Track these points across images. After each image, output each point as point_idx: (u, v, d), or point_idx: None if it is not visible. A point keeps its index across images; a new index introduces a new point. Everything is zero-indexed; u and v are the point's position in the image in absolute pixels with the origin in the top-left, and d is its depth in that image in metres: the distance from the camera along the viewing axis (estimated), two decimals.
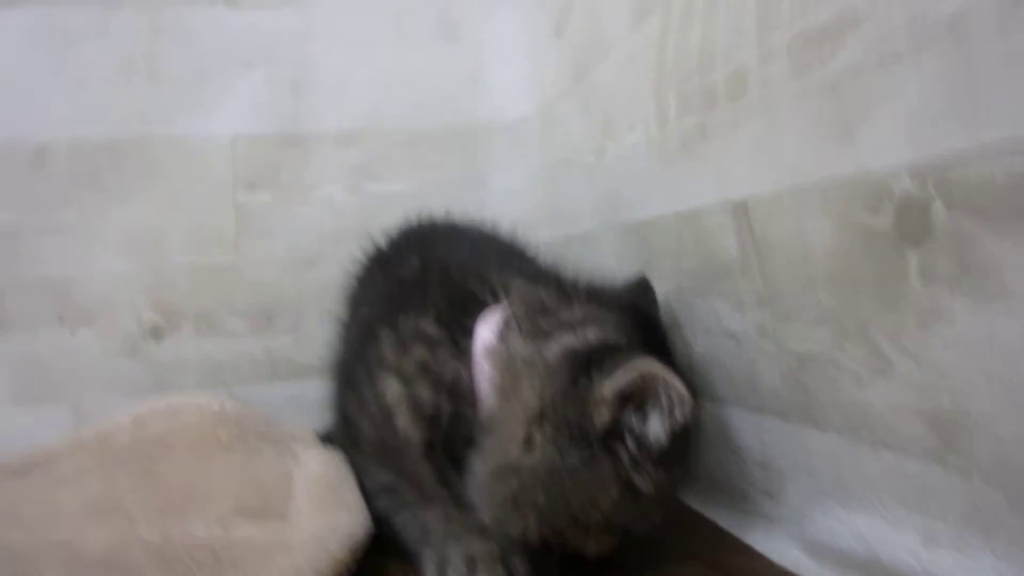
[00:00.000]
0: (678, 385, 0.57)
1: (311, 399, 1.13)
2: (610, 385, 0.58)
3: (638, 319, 0.68)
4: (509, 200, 1.22)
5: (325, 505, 0.74)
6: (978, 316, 0.46)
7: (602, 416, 0.58)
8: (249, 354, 1.17)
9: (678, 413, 0.58)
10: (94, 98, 1.13)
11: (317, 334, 1.16)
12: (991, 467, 0.47)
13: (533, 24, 1.18)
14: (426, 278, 0.79)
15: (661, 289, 0.81)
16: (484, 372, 0.66)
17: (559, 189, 1.13)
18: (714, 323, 0.75)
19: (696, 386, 0.77)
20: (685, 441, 0.63)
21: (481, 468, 0.63)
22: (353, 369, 0.78)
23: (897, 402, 0.54)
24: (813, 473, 0.64)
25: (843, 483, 0.61)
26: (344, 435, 0.82)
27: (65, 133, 1.12)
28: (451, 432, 0.68)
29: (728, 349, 0.73)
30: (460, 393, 0.68)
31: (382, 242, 0.98)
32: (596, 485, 0.59)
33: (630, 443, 0.59)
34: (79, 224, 1.12)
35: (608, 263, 0.97)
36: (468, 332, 0.69)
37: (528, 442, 0.60)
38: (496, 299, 0.73)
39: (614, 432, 0.59)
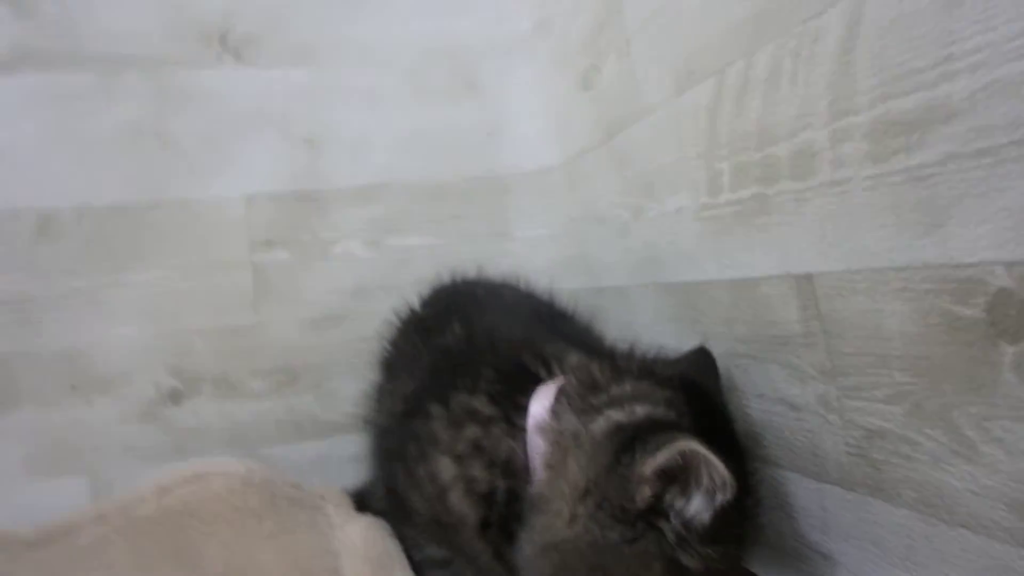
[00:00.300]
0: (719, 466, 0.56)
1: (337, 457, 1.12)
2: (651, 463, 0.57)
3: (693, 394, 0.68)
4: (534, 251, 1.22)
5: None
6: None
7: (643, 494, 0.58)
8: (272, 414, 1.14)
9: (719, 495, 0.58)
10: (100, 163, 1.11)
11: (341, 392, 1.15)
12: None
13: (556, 77, 1.18)
14: (474, 349, 0.78)
15: (712, 350, 0.81)
16: (537, 448, 0.66)
17: (588, 241, 1.13)
18: (770, 390, 0.74)
19: (751, 450, 0.77)
20: (741, 518, 0.63)
21: (528, 546, 0.63)
22: (402, 443, 0.77)
23: (981, 486, 0.54)
24: (880, 543, 0.64)
25: (914, 556, 0.61)
26: (392, 508, 0.81)
27: (70, 200, 1.09)
28: (507, 510, 0.68)
29: (785, 416, 0.73)
30: (515, 471, 0.68)
31: (416, 304, 0.97)
32: (639, 563, 0.59)
33: (675, 521, 0.59)
34: (90, 291, 1.09)
35: (645, 319, 0.97)
36: (522, 410, 0.69)
37: (573, 519, 0.60)
38: (550, 373, 0.72)
39: (657, 510, 0.59)
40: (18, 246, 1.07)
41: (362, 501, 0.98)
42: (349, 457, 1.08)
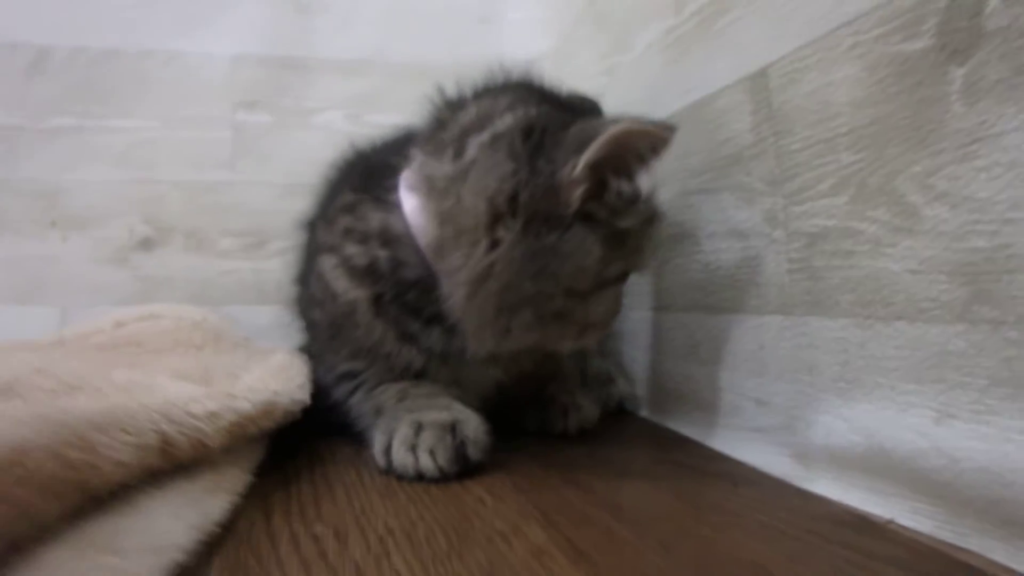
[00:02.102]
0: (653, 130, 0.54)
1: (298, 327, 1.09)
2: (581, 160, 0.54)
3: (531, 89, 0.66)
4: None
5: (262, 379, 0.68)
6: None
7: (575, 195, 0.55)
8: (238, 275, 1.13)
9: (653, 157, 0.56)
10: (96, 6, 1.12)
11: None
12: None
13: None
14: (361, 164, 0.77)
15: (665, 196, 0.76)
16: (414, 207, 0.62)
17: None
18: (719, 223, 0.69)
19: (701, 300, 0.72)
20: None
21: (454, 293, 0.59)
22: (306, 271, 0.76)
23: (920, 260, 0.48)
24: (814, 369, 0.58)
25: (847, 373, 0.55)
26: (309, 336, 0.79)
27: (66, 39, 1.10)
28: (396, 279, 0.64)
29: (732, 251, 0.68)
30: (393, 238, 0.64)
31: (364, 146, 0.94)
32: (581, 251, 0.56)
33: (610, 199, 0.57)
34: (76, 131, 1.10)
35: None
36: (390, 190, 0.65)
37: (493, 244, 0.57)
38: (409, 162, 0.69)
39: (591, 206, 0.57)
40: (12, 78, 1.09)
41: None
42: None
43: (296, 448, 0.68)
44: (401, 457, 0.58)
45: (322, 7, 1.18)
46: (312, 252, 0.72)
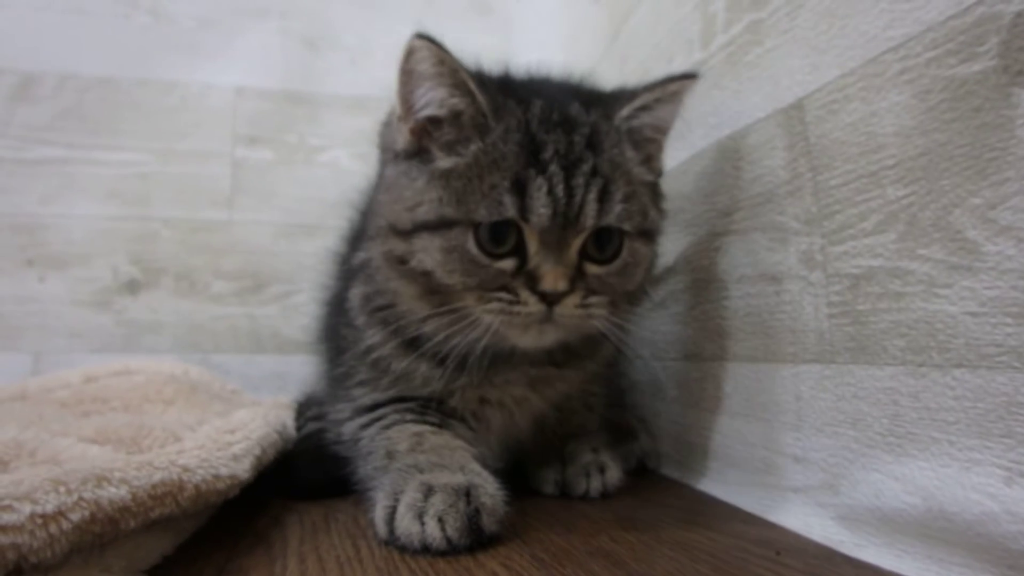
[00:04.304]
0: None
1: (295, 376, 1.03)
2: None
3: None
4: None
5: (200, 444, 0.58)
6: None
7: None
8: (231, 320, 1.07)
9: None
10: (88, 32, 1.09)
11: (308, 308, 1.08)
12: None
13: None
14: None
15: (688, 240, 0.73)
16: None
17: None
18: (750, 267, 0.65)
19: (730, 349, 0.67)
20: None
21: None
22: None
23: (982, 301, 0.44)
24: (859, 422, 0.53)
25: (899, 426, 0.50)
26: (331, 365, 0.72)
27: (55, 65, 1.06)
28: None
29: (765, 295, 0.63)
30: None
31: None
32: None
33: None
34: (61, 163, 1.05)
35: None
36: None
37: None
38: None
39: None
40: None
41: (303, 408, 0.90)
42: (308, 377, 1.00)
43: (284, 515, 0.62)
44: (406, 525, 0.52)
45: (332, 43, 1.16)
46: None
